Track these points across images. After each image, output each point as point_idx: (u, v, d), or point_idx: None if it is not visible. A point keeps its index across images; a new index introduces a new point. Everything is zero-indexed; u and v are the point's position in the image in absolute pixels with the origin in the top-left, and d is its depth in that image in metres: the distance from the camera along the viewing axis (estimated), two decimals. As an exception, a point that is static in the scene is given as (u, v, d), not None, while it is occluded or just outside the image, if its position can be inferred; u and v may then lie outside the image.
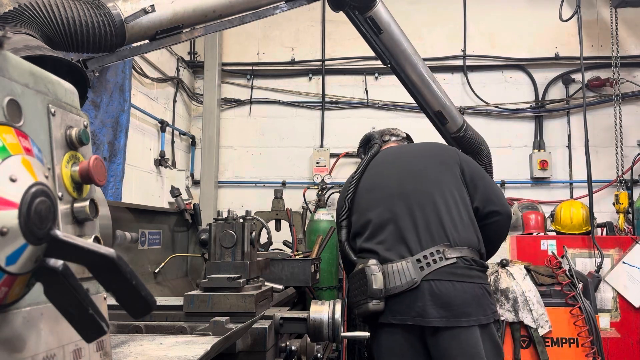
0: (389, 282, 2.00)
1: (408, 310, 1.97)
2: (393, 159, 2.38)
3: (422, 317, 1.95)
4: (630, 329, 3.83)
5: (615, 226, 4.40)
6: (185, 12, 1.89)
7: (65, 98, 0.79)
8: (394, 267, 2.02)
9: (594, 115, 5.00)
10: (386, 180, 2.26)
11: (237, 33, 5.38)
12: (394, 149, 2.50)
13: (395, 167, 2.31)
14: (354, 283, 2.10)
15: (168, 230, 2.85)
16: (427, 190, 2.16)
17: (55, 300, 0.63)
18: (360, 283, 2.05)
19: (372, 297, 1.99)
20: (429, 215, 2.09)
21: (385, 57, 2.78)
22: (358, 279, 2.07)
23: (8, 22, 1.44)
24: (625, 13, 4.99)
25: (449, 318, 1.94)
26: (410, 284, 1.97)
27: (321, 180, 4.97)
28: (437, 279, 1.97)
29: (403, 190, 2.18)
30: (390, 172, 2.29)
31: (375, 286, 1.99)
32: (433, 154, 2.34)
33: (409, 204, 2.14)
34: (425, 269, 1.99)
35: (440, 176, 2.20)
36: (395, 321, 1.99)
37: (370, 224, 2.18)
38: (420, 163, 2.28)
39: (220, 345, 1.20)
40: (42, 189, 0.61)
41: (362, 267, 2.06)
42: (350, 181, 2.35)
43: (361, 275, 2.04)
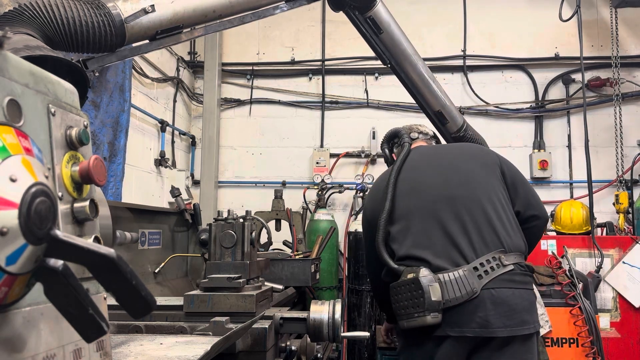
0: (447, 292, 1.86)
1: (468, 322, 1.86)
2: (431, 159, 2.24)
3: (485, 328, 1.85)
4: (630, 329, 3.83)
5: (615, 226, 4.40)
6: (185, 12, 1.89)
7: (65, 98, 0.79)
8: (450, 277, 1.88)
9: (594, 115, 5.00)
10: (427, 183, 2.12)
11: (237, 33, 5.38)
12: (429, 149, 2.38)
13: (436, 168, 2.17)
14: (402, 293, 1.93)
15: (168, 230, 2.86)
16: (473, 193, 2.05)
17: (55, 300, 0.63)
18: (412, 294, 1.89)
19: (430, 309, 1.85)
20: (479, 220, 1.99)
21: (385, 57, 2.78)
22: (408, 289, 1.91)
23: (8, 22, 1.44)
24: (625, 13, 4.99)
25: (512, 327, 1.86)
26: (470, 294, 1.85)
27: (321, 180, 4.97)
28: (497, 287, 1.88)
29: (448, 193, 2.06)
30: (431, 174, 2.15)
31: (433, 298, 1.84)
32: (474, 155, 2.22)
33: (455, 208, 2.02)
34: (484, 277, 1.88)
35: (485, 179, 2.10)
36: (453, 333, 1.86)
37: (412, 229, 2.04)
38: (464, 165, 2.16)
39: (220, 345, 1.20)
40: (42, 189, 0.61)
41: (413, 276, 1.90)
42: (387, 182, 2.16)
43: (413, 286, 1.89)
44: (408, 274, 1.93)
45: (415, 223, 2.04)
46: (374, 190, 2.33)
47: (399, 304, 1.95)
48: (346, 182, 5.05)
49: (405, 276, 1.93)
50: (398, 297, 1.95)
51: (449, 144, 2.44)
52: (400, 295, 1.94)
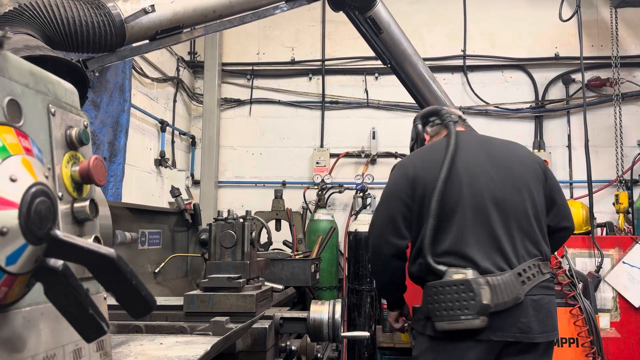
0: (497, 296, 1.83)
1: (510, 327, 1.85)
2: (484, 153, 2.09)
3: (526, 334, 1.86)
4: (630, 329, 3.83)
5: (615, 226, 4.40)
6: (185, 12, 1.90)
7: (65, 98, 0.79)
8: (499, 281, 1.84)
9: (594, 115, 5.00)
10: (481, 179, 2.00)
11: (237, 33, 5.38)
12: (478, 137, 2.24)
13: (490, 165, 2.04)
14: (447, 294, 1.85)
15: (168, 230, 2.86)
16: (523, 200, 2.00)
17: (55, 300, 0.63)
18: (459, 296, 1.82)
19: (481, 312, 1.80)
20: (524, 227, 1.96)
21: (385, 57, 2.78)
22: (456, 290, 1.83)
23: (8, 22, 1.44)
24: (625, 13, 4.99)
25: (548, 332, 1.91)
26: (515, 300, 1.85)
27: (321, 180, 4.97)
28: (538, 294, 1.91)
29: (500, 196, 1.98)
30: (485, 171, 2.02)
31: (484, 301, 1.80)
32: (525, 160, 2.13)
33: (505, 211, 1.95)
34: (527, 284, 1.88)
35: (532, 185, 2.05)
36: (495, 337, 1.84)
37: (460, 224, 1.93)
38: (517, 169, 2.07)
39: (220, 345, 1.20)
40: (42, 189, 0.61)
41: (462, 277, 1.84)
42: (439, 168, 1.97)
43: (462, 287, 1.82)
44: (454, 274, 1.86)
45: (464, 218, 1.93)
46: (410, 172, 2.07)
47: (440, 304, 1.86)
48: (346, 182, 5.05)
49: (451, 276, 1.86)
50: (440, 297, 1.86)
51: (494, 138, 2.30)
52: (443, 295, 1.85)
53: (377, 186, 5.07)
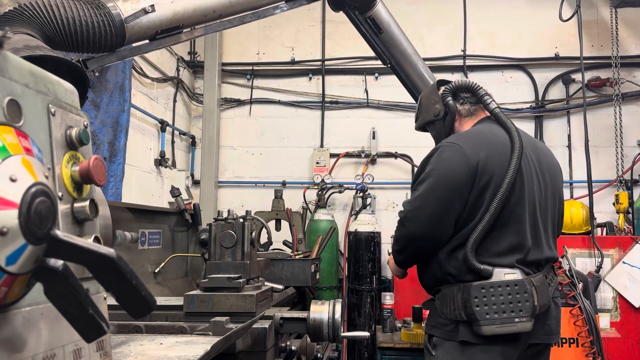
0: (541, 299, 1.78)
1: (540, 329, 1.84)
2: (531, 152, 1.96)
3: (549, 335, 1.89)
4: (630, 329, 3.83)
5: (615, 226, 4.40)
6: (185, 12, 1.90)
7: (65, 98, 0.79)
8: (538, 282, 1.80)
9: (594, 115, 5.00)
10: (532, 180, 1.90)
11: (237, 33, 5.38)
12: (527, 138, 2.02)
13: (534, 165, 1.94)
14: (498, 295, 1.74)
15: (168, 230, 2.85)
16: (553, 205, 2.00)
17: (55, 300, 0.63)
18: (513, 297, 1.73)
19: (533, 314, 1.75)
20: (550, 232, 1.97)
21: (385, 57, 2.78)
22: (509, 292, 1.73)
23: (8, 22, 1.44)
24: (625, 13, 4.99)
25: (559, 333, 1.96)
26: (549, 303, 1.86)
27: (321, 180, 4.97)
28: (556, 297, 1.96)
29: (544, 202, 1.94)
30: (534, 172, 1.92)
31: (535, 303, 1.75)
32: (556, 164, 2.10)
33: (544, 216, 1.93)
34: (551, 286, 1.90)
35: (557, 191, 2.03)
36: (532, 341, 1.83)
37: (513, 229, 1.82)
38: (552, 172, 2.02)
39: (220, 345, 1.20)
40: (42, 189, 0.61)
41: (514, 278, 1.75)
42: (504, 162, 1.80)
43: (517, 288, 1.73)
44: (505, 275, 1.75)
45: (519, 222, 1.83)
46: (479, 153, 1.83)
47: (490, 306, 1.73)
48: (346, 182, 5.05)
49: (502, 277, 1.75)
50: (490, 299, 1.73)
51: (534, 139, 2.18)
52: (495, 297, 1.73)
53: (377, 186, 5.08)
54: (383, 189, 5.18)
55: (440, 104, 2.09)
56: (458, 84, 2.09)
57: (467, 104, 2.07)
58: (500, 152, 1.83)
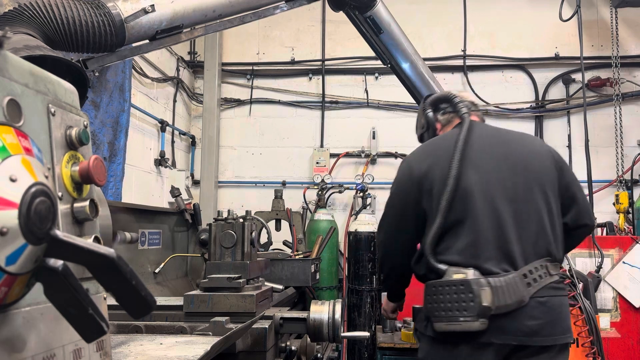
0: (498, 299, 1.76)
1: (513, 330, 1.78)
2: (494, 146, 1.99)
3: (530, 337, 1.78)
4: (630, 329, 3.83)
5: (615, 226, 4.40)
6: (185, 12, 1.89)
7: (65, 98, 0.79)
8: (501, 282, 1.77)
9: (594, 115, 5.00)
10: (491, 174, 1.91)
11: (237, 33, 5.38)
12: (492, 131, 2.09)
13: (501, 159, 1.95)
14: (446, 294, 1.80)
15: (168, 230, 2.85)
16: (534, 195, 1.91)
17: (55, 300, 0.63)
18: (458, 297, 1.77)
19: (480, 315, 1.74)
20: (535, 227, 1.88)
21: (385, 57, 2.78)
22: (455, 291, 1.78)
23: (8, 22, 1.44)
24: (625, 13, 4.99)
25: (556, 335, 1.82)
26: (519, 303, 1.78)
27: (321, 180, 4.98)
28: (545, 295, 1.83)
29: (513, 195, 1.89)
30: (496, 166, 1.93)
31: (484, 303, 1.74)
32: (541, 155, 2.02)
33: (517, 210, 1.87)
34: (533, 285, 1.81)
35: (546, 182, 1.95)
36: (498, 341, 1.78)
37: (467, 225, 1.85)
38: (532, 166, 1.96)
39: (220, 345, 1.20)
40: (42, 189, 0.61)
41: (462, 277, 1.78)
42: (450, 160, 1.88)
43: (462, 288, 1.77)
44: (454, 274, 1.80)
45: (474, 218, 1.85)
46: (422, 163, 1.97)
47: (439, 304, 1.81)
48: (346, 182, 5.05)
49: (451, 276, 1.80)
50: (439, 297, 1.81)
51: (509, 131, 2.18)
52: (442, 295, 1.80)
53: (377, 186, 5.08)
54: (383, 189, 5.18)
55: (423, 117, 2.27)
56: (436, 97, 2.26)
57: (447, 114, 2.20)
58: (445, 155, 1.93)
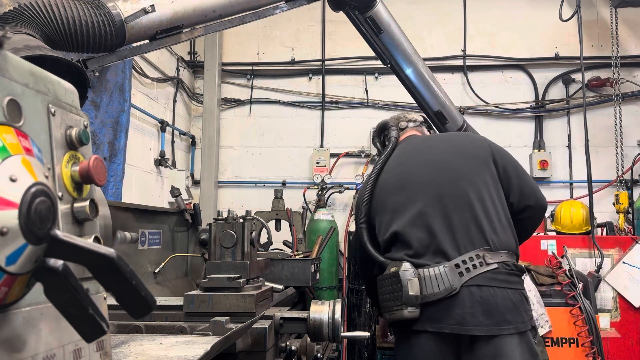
0: (426, 288, 1.87)
1: (446, 318, 1.85)
2: (420, 152, 2.19)
3: (462, 326, 1.83)
4: (630, 329, 3.83)
5: (615, 226, 4.40)
6: (185, 12, 1.89)
7: (65, 98, 0.79)
8: (430, 272, 1.88)
9: (594, 115, 5.00)
10: (416, 177, 2.09)
11: (237, 33, 5.38)
12: (418, 139, 2.31)
13: (424, 162, 2.12)
14: (385, 287, 1.97)
15: (168, 230, 2.85)
16: (462, 188, 2.00)
17: (55, 300, 0.63)
18: (392, 288, 1.92)
19: (407, 303, 1.87)
20: (465, 217, 1.95)
21: (385, 57, 2.78)
22: (390, 283, 1.94)
23: (8, 22, 1.44)
24: (625, 13, 4.99)
25: (490, 326, 1.82)
26: (449, 291, 1.84)
27: (321, 180, 4.98)
28: (478, 285, 1.86)
29: (436, 189, 2.02)
30: (420, 168, 2.11)
31: (411, 292, 1.86)
32: (465, 148, 2.14)
33: (443, 204, 1.99)
34: (465, 275, 1.86)
35: (475, 172, 2.04)
36: (431, 329, 1.87)
37: (400, 225, 2.02)
38: (452, 158, 2.09)
39: (220, 345, 1.20)
40: (42, 189, 0.61)
41: (394, 270, 1.93)
42: (369, 178, 2.21)
43: (394, 280, 1.91)
44: (391, 268, 1.96)
45: (404, 219, 2.02)
46: (363, 184, 2.34)
47: (382, 296, 2.00)
48: (346, 182, 5.05)
49: (389, 270, 1.97)
50: (382, 290, 2.00)
51: (439, 135, 2.36)
52: (383, 288, 1.99)
53: (377, 186, 5.07)
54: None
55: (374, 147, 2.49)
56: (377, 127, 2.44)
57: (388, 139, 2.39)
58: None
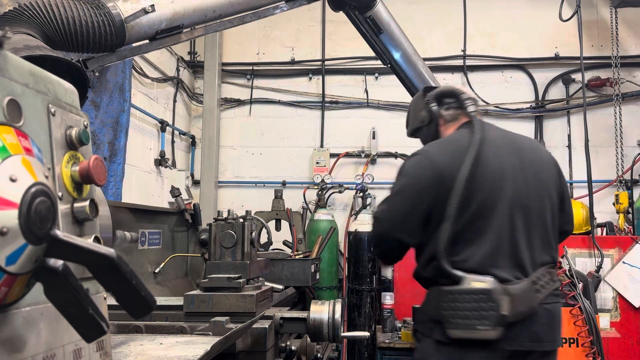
0: (515, 307, 1.74)
1: (523, 336, 1.77)
2: (509, 152, 1.92)
3: (537, 342, 1.79)
4: (630, 329, 3.83)
5: (615, 226, 4.40)
6: (185, 12, 1.89)
7: (65, 98, 0.79)
8: (516, 290, 1.76)
9: (594, 115, 5.00)
10: (506, 180, 1.85)
11: (237, 33, 5.38)
12: (503, 134, 2.04)
13: (515, 165, 1.89)
14: (464, 302, 1.75)
15: (168, 230, 2.86)
16: (544, 205, 1.89)
17: (55, 300, 0.63)
18: (478, 305, 1.73)
19: (498, 324, 1.71)
20: (542, 233, 1.87)
21: (385, 57, 2.78)
22: (475, 299, 1.73)
23: (8, 22, 1.44)
24: (625, 13, 4.99)
25: (555, 341, 1.85)
26: (531, 310, 1.78)
27: (321, 180, 4.98)
28: (550, 302, 1.84)
29: (526, 202, 1.85)
30: (511, 172, 1.87)
31: (503, 312, 1.71)
32: (547, 160, 1.99)
33: (528, 217, 1.84)
34: (541, 292, 1.81)
35: (551, 189, 1.94)
36: (510, 347, 1.76)
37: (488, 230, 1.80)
38: (538, 169, 1.93)
39: (220, 345, 1.20)
40: (42, 189, 0.61)
41: (483, 286, 1.73)
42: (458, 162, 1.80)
43: (483, 297, 1.72)
44: (473, 282, 1.75)
45: (487, 224, 1.80)
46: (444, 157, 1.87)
47: (455, 311, 1.75)
48: (346, 182, 5.05)
49: (470, 284, 1.75)
50: (457, 305, 1.75)
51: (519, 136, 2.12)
52: (460, 303, 1.75)
53: (377, 186, 5.08)
54: (383, 189, 5.18)
55: (426, 110, 2.12)
56: (441, 91, 2.12)
57: (451, 109, 2.09)
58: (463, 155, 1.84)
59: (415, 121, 2.21)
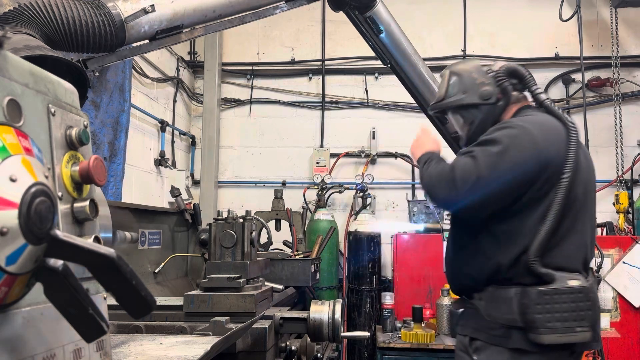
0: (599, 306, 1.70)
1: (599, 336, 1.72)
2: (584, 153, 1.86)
3: (598, 342, 1.73)
4: (630, 329, 3.83)
5: (615, 226, 4.40)
6: (185, 12, 1.89)
7: (65, 98, 0.79)
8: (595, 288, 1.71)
9: (594, 115, 5.00)
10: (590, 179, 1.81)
11: (237, 33, 5.38)
12: None
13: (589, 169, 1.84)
14: (562, 303, 1.61)
15: (168, 230, 2.85)
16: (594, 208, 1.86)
17: (55, 300, 0.63)
18: (577, 305, 1.60)
19: (594, 324, 1.64)
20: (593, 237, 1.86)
21: (385, 57, 2.78)
22: (572, 299, 1.60)
23: (8, 22, 1.44)
24: (625, 13, 4.99)
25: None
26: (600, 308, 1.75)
27: (321, 180, 4.97)
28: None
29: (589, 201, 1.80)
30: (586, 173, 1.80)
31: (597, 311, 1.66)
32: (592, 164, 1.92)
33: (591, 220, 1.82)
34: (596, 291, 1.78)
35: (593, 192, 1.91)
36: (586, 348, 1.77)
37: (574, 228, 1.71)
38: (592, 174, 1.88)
39: (220, 345, 1.20)
40: (42, 189, 0.61)
41: (579, 284, 1.62)
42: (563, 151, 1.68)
43: (581, 296, 1.61)
44: (569, 280, 1.62)
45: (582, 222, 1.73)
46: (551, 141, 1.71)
47: (552, 314, 1.60)
48: (346, 182, 5.05)
49: (565, 282, 1.62)
50: (554, 307, 1.61)
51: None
52: (557, 304, 1.61)
53: (377, 186, 5.08)
54: (383, 189, 5.18)
55: (493, 86, 1.90)
56: (510, 67, 1.94)
57: (516, 91, 1.95)
58: (563, 146, 1.71)
59: (471, 96, 1.94)
